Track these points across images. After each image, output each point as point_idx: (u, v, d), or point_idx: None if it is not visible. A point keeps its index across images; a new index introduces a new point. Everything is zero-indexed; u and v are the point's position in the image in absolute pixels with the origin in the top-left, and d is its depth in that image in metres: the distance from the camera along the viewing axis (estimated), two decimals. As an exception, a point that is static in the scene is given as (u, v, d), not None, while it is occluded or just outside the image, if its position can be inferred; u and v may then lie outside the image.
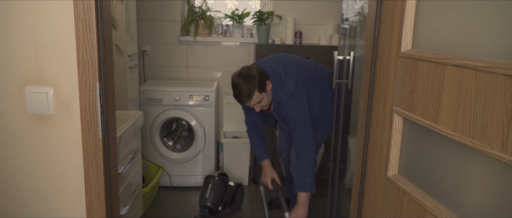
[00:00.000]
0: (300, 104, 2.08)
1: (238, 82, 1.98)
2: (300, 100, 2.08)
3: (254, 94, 1.98)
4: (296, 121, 2.09)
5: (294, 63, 2.21)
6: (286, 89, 2.07)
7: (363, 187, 1.32)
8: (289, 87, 2.07)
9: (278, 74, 2.10)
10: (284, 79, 2.08)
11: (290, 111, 2.08)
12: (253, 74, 1.97)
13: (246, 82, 1.96)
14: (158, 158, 3.14)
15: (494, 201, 0.80)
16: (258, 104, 2.05)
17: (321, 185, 3.22)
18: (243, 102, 2.02)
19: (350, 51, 1.89)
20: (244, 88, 1.96)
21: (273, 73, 2.09)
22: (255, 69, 2.01)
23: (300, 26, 3.45)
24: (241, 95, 1.99)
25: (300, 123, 2.09)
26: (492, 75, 0.75)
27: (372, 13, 1.22)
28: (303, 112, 2.10)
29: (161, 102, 3.05)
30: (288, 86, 2.07)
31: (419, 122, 0.98)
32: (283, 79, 2.08)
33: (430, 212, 0.95)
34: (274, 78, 2.08)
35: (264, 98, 2.04)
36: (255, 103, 2.03)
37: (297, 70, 2.15)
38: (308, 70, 2.22)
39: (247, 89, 1.96)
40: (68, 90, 1.25)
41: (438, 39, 0.95)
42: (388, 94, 1.14)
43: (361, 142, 1.32)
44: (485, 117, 0.76)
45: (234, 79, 2.01)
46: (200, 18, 3.31)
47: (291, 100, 2.06)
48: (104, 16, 1.22)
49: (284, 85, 2.07)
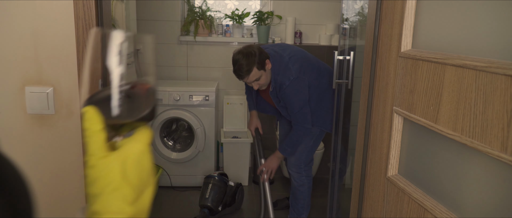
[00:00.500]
0: (300, 91, 2.14)
1: (238, 58, 2.07)
2: (301, 87, 2.14)
3: (252, 70, 2.06)
4: (295, 106, 2.16)
5: (299, 52, 2.26)
6: (288, 73, 2.12)
7: (363, 187, 1.32)
8: (292, 71, 2.12)
9: (281, 57, 2.16)
10: (287, 63, 2.14)
11: (290, 96, 2.14)
12: (253, 51, 2.06)
13: (246, 58, 2.05)
14: (158, 158, 3.14)
15: (494, 201, 0.80)
16: (256, 82, 2.13)
17: (321, 185, 3.22)
18: (241, 77, 2.10)
19: (350, 51, 1.89)
20: (244, 64, 2.05)
21: (275, 56, 2.16)
22: (256, 47, 2.10)
23: (300, 26, 3.45)
24: (240, 70, 2.08)
25: (299, 107, 2.16)
26: (492, 75, 0.75)
27: (372, 13, 1.22)
28: (303, 99, 2.16)
29: (161, 102, 3.05)
30: (291, 71, 2.12)
31: (419, 122, 0.98)
32: (286, 63, 2.14)
33: (430, 212, 0.95)
34: (276, 60, 2.15)
35: (263, 76, 2.12)
36: (253, 79, 2.11)
37: (302, 59, 2.19)
38: (312, 63, 2.25)
39: (246, 64, 2.05)
40: (68, 90, 1.25)
41: (438, 39, 0.95)
42: (388, 94, 1.14)
43: (361, 142, 1.32)
44: (485, 117, 0.76)
45: (235, 55, 2.10)
46: (200, 18, 3.31)
47: (293, 85, 2.11)
48: (104, 16, 1.22)
49: (286, 69, 2.13)
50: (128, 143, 0.45)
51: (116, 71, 0.44)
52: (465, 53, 0.85)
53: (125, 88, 0.44)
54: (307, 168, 2.39)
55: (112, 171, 0.42)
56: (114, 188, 0.42)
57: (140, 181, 0.44)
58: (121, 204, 0.42)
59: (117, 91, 0.44)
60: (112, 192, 0.41)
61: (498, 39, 0.77)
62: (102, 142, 0.43)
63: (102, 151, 0.42)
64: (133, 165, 0.43)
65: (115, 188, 0.42)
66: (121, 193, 0.42)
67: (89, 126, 0.42)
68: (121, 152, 0.43)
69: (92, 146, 0.42)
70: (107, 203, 0.41)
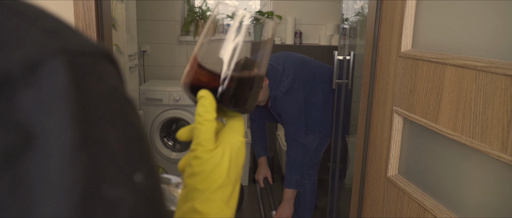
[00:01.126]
0: (294, 102, 2.13)
1: None
2: (294, 98, 2.13)
3: None
4: (288, 118, 2.14)
5: (295, 61, 2.23)
6: (281, 86, 2.12)
7: (363, 187, 1.32)
8: (284, 84, 2.12)
9: (276, 71, 2.15)
10: (281, 76, 2.14)
11: (283, 108, 2.14)
12: None
13: None
14: (158, 158, 3.14)
15: (494, 201, 0.79)
16: None
17: (321, 185, 3.22)
18: None
19: (350, 51, 1.89)
20: None
21: (271, 70, 2.15)
22: None
23: (300, 26, 3.45)
24: None
25: (292, 120, 2.14)
26: (492, 75, 0.75)
27: (372, 13, 1.22)
28: (296, 110, 2.14)
29: (161, 102, 3.05)
30: (284, 84, 2.12)
31: (419, 122, 0.98)
32: (280, 76, 2.14)
33: (430, 212, 0.95)
34: (271, 75, 2.14)
35: (260, 93, 2.09)
36: None
37: (296, 69, 2.17)
38: (310, 70, 2.23)
39: None
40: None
41: (438, 39, 0.95)
42: (388, 94, 1.14)
43: (361, 142, 1.32)
44: (485, 117, 0.76)
45: None
46: (200, 18, 3.31)
47: (285, 97, 2.11)
48: (104, 16, 1.22)
49: (280, 82, 2.13)
50: (229, 134, 0.40)
51: (230, 51, 0.40)
52: (465, 53, 0.85)
53: (237, 74, 0.40)
54: (311, 172, 2.36)
55: (220, 167, 0.38)
56: (219, 185, 0.37)
57: (236, 178, 0.40)
58: (222, 205, 0.38)
59: (230, 76, 0.40)
60: (217, 191, 0.37)
61: (498, 39, 0.77)
62: (213, 133, 0.39)
63: (212, 144, 0.38)
64: (234, 160, 0.39)
65: (220, 186, 0.37)
66: (224, 192, 0.38)
67: (203, 113, 0.39)
68: (227, 145, 0.39)
69: (202, 136, 0.38)
70: (211, 204, 0.37)
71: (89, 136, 0.21)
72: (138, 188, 0.22)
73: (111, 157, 0.22)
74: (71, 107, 0.20)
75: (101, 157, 0.21)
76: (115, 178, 0.21)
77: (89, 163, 0.20)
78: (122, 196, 0.21)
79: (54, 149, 0.19)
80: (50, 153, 0.19)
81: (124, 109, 0.24)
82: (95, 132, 0.21)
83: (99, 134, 0.21)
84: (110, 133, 0.22)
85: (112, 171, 0.21)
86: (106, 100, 0.23)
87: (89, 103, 0.21)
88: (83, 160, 0.20)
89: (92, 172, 0.20)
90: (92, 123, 0.21)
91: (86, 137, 0.20)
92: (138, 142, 0.24)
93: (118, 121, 0.23)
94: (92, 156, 0.20)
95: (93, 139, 0.21)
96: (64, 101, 0.20)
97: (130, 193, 0.22)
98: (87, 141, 0.20)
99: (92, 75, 0.22)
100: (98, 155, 0.21)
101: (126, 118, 0.24)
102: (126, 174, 0.22)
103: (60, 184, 0.19)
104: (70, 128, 0.20)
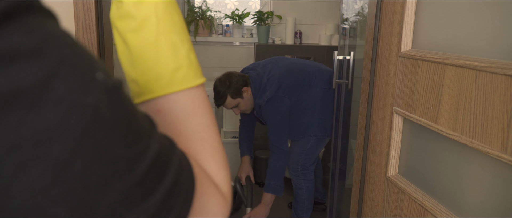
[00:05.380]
0: (276, 109, 2.17)
1: (215, 86, 2.17)
2: (277, 105, 2.17)
3: (227, 99, 2.15)
4: (271, 125, 2.19)
5: (283, 68, 2.24)
6: (264, 95, 2.18)
7: (363, 187, 1.32)
8: (267, 93, 2.17)
9: (261, 80, 2.21)
10: (265, 84, 2.19)
11: (266, 115, 2.19)
12: (228, 80, 2.14)
13: (220, 86, 2.14)
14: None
15: (494, 201, 0.80)
16: (235, 108, 2.21)
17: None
18: (218, 104, 2.20)
19: (350, 51, 1.89)
20: (217, 92, 2.15)
21: (256, 79, 2.21)
22: (235, 75, 2.16)
23: (300, 26, 3.45)
24: (215, 98, 2.18)
25: (274, 127, 2.18)
26: (492, 75, 0.75)
27: (372, 13, 1.22)
28: (278, 117, 2.18)
29: (161, 102, 3.04)
30: (266, 93, 2.18)
31: (419, 122, 0.98)
32: (264, 85, 2.19)
33: (430, 212, 0.95)
34: (256, 84, 2.20)
35: (241, 103, 2.19)
36: (231, 106, 2.20)
37: (281, 77, 2.19)
38: (298, 75, 2.22)
39: (220, 93, 2.14)
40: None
41: (438, 39, 0.95)
42: (388, 94, 1.14)
43: (361, 142, 1.32)
44: (485, 117, 0.76)
45: (214, 82, 2.19)
46: (200, 18, 3.31)
47: (268, 105, 2.16)
48: (104, 16, 1.22)
49: (263, 91, 2.19)
50: None
51: None
52: (465, 53, 0.85)
53: None
54: (306, 172, 2.35)
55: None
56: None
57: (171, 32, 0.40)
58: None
59: None
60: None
61: (498, 39, 0.77)
62: None
63: None
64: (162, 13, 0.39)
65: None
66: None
67: None
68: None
69: None
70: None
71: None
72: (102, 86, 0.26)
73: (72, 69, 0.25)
74: None
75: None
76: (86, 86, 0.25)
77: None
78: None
79: None
80: None
81: (66, 35, 0.27)
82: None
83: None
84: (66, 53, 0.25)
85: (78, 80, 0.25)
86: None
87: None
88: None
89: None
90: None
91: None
92: (88, 56, 0.28)
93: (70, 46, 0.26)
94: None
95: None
96: None
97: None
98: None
99: None
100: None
101: (72, 40, 0.27)
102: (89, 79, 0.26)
103: None
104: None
